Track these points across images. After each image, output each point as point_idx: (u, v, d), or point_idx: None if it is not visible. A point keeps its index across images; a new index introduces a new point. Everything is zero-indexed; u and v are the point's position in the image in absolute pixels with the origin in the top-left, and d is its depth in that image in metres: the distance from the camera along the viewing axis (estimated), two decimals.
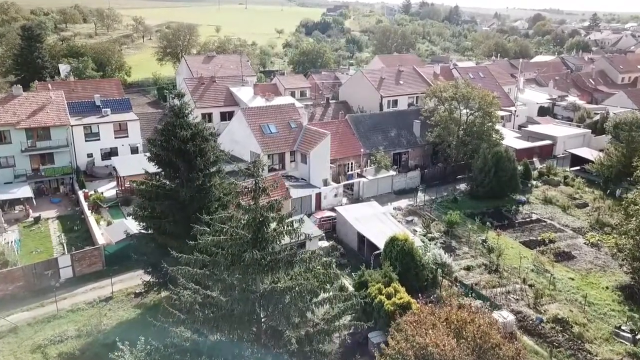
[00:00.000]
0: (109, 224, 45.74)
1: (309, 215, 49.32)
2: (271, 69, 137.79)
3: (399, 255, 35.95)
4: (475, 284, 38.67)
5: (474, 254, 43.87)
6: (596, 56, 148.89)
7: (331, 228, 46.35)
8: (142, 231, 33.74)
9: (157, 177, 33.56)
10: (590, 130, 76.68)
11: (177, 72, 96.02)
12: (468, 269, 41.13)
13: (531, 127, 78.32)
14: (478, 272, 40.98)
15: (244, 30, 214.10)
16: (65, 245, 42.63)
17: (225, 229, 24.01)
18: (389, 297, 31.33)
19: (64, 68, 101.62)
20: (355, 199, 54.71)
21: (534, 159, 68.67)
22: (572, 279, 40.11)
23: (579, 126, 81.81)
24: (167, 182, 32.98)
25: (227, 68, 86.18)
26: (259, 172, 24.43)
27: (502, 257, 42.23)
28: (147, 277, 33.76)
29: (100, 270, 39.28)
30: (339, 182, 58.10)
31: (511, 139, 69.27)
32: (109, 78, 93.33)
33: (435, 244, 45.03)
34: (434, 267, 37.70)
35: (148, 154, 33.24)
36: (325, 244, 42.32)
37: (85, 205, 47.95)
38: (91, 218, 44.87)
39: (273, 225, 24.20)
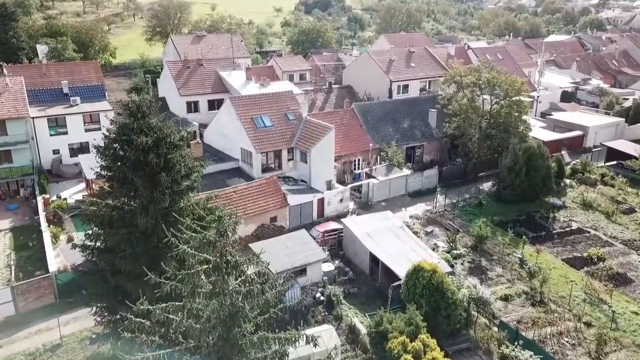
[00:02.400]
0: (69, 240, 37.96)
1: (311, 224, 41.70)
2: (269, 49, 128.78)
3: (425, 290, 28.32)
4: (518, 322, 31.11)
5: (510, 277, 36.23)
6: (614, 35, 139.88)
7: (337, 243, 38.65)
8: (94, 265, 25.96)
9: (115, 193, 25.62)
10: (623, 119, 68.46)
11: (164, 54, 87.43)
12: (506, 298, 33.52)
13: (557, 115, 70.09)
14: (518, 303, 33.40)
15: (241, 8, 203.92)
16: (13, 268, 34.93)
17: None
18: (417, 357, 23.73)
19: (41, 49, 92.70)
20: (363, 203, 46.93)
21: (563, 153, 60.73)
22: (637, 314, 32.51)
23: (608, 114, 73.65)
24: (128, 202, 25.12)
25: (219, 49, 77.65)
26: (224, 238, 17.32)
27: (546, 283, 34.57)
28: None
29: (52, 303, 31.72)
30: (345, 182, 50.29)
31: (537, 130, 61.17)
32: (88, 60, 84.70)
33: (462, 264, 37.48)
34: (468, 302, 30.09)
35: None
36: (330, 266, 34.62)
37: (42, 214, 40.11)
38: (47, 233, 37.04)
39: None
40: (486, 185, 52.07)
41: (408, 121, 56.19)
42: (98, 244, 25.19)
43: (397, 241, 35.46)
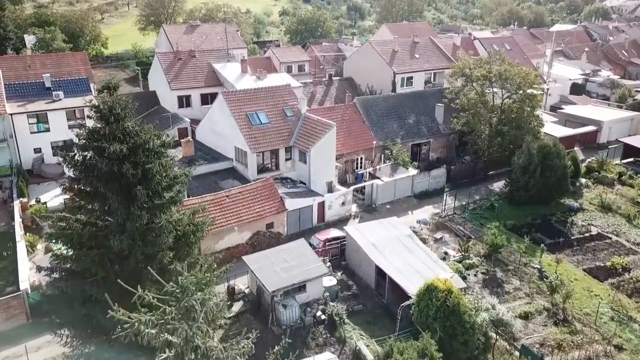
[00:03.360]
0: (47, 250, 34.76)
1: (310, 230, 38.61)
2: (266, 39, 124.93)
3: (439, 313, 25.22)
4: (541, 344, 28.08)
5: (529, 291, 33.15)
6: (620, 24, 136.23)
7: (339, 253, 35.50)
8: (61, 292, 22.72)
9: (90, 206, 22.29)
10: (638, 113, 65.13)
11: (156, 44, 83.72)
12: (526, 316, 30.46)
13: (568, 109, 66.78)
14: (540, 321, 30.33)
15: None
16: None
17: None
18: None
19: (29, 39, 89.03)
20: (367, 205, 43.75)
21: (576, 149, 57.45)
22: None
23: (621, 107, 70.39)
24: (102, 217, 21.88)
25: (213, 39, 73.96)
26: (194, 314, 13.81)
27: (570, 299, 31.48)
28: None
29: (24, 324, 28.59)
30: (346, 182, 47.18)
31: (548, 125, 57.77)
32: (77, 51, 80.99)
33: (475, 275, 34.39)
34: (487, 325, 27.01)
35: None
36: (331, 280, 31.46)
37: (18, 221, 36.85)
38: (21, 243, 33.81)
39: None
40: (497, 185, 48.94)
41: (413, 116, 52.87)
42: (69, 264, 21.97)
43: (405, 252, 32.30)
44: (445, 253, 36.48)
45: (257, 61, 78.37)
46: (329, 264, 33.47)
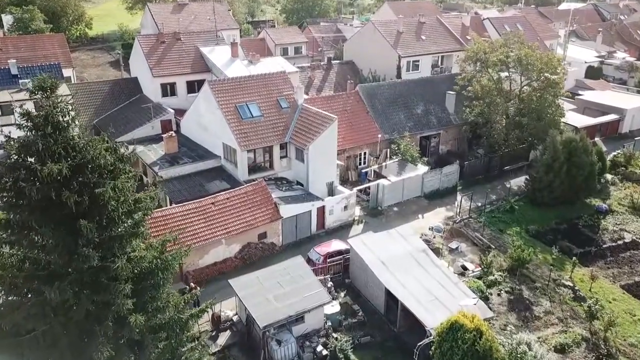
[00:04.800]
0: None
1: (308, 239, 34.02)
2: (261, 19, 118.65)
3: (466, 358, 20.66)
4: None
5: (562, 314, 28.66)
6: (632, 2, 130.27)
7: (342, 269, 30.86)
8: None
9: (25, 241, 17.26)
10: None
11: (141, 25, 77.91)
12: (562, 349, 25.99)
13: (587, 96, 61.76)
14: (579, 355, 25.89)
15: None
16: None
17: None
18: None
19: (7, 19, 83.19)
20: (371, 208, 39.05)
21: (596, 140, 52.64)
22: None
23: None
24: (40, 256, 17.05)
25: (202, 20, 68.30)
26: None
27: (613, 327, 26.98)
28: None
29: None
30: (348, 180, 42.50)
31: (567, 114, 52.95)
32: (59, 33, 75.21)
33: (498, 294, 29.87)
34: None
35: None
36: (334, 307, 26.85)
37: None
38: None
39: None
40: (514, 183, 44.24)
41: (422, 106, 47.87)
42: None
43: (419, 271, 27.69)
44: (463, 267, 31.91)
45: (250, 43, 72.96)
46: (330, 283, 28.86)
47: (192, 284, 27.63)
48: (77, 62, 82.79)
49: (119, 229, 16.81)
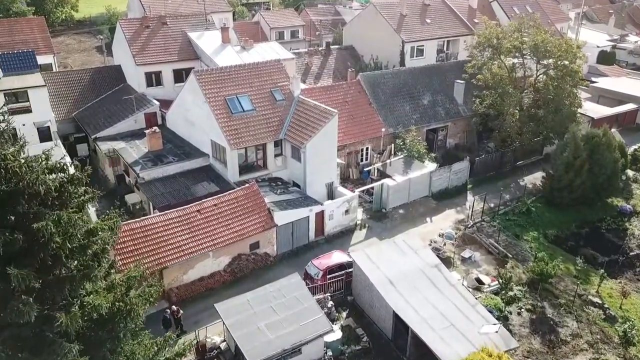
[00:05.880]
0: None
1: (306, 247, 30.73)
2: (257, 0, 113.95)
3: None
4: None
5: (591, 338, 25.48)
6: None
7: (344, 285, 27.55)
8: None
9: None
10: None
11: (128, 8, 73.53)
12: None
13: (602, 83, 58.15)
14: None
15: None
16: None
17: None
18: None
19: None
20: (375, 211, 35.66)
21: (613, 131, 49.04)
22: None
23: None
24: None
25: (193, 2, 64.12)
26: None
27: None
28: None
29: None
30: (349, 178, 39.16)
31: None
32: (41, 16, 70.91)
33: (518, 312, 26.68)
34: None
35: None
36: (335, 334, 23.57)
37: None
38: None
39: None
40: (528, 180, 41.01)
41: (429, 96, 44.24)
42: None
43: (433, 292, 24.40)
44: (478, 281, 28.66)
45: (244, 27, 68.99)
46: (331, 303, 25.62)
47: (174, 307, 24.33)
48: (61, 47, 78.78)
49: (69, 269, 13.41)
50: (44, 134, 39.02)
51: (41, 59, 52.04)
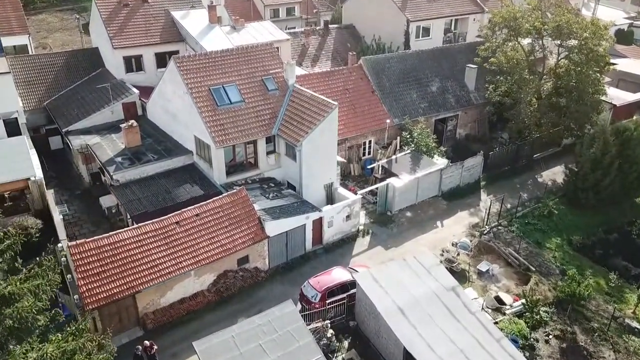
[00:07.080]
0: None
1: (302, 259, 27.10)
2: None
3: None
4: None
5: None
6: None
7: (345, 310, 23.96)
8: None
9: None
10: None
11: None
12: None
13: (621, 65, 53.86)
14: None
15: None
16: None
17: None
18: None
19: None
20: (379, 214, 31.95)
21: (635, 119, 45.19)
22: None
23: None
24: None
25: None
26: None
27: None
28: None
29: None
30: (350, 174, 35.42)
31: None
32: None
33: (546, 340, 23.21)
34: None
35: None
36: None
37: None
38: None
39: None
40: (546, 175, 37.34)
41: (438, 82, 40.18)
42: None
43: (450, 323, 20.81)
44: (499, 300, 25.14)
45: (236, 4, 64.03)
46: (331, 332, 22.10)
47: (146, 342, 20.73)
48: (42, 26, 74.14)
49: None
50: (12, 127, 35.09)
51: (15, 40, 47.96)
